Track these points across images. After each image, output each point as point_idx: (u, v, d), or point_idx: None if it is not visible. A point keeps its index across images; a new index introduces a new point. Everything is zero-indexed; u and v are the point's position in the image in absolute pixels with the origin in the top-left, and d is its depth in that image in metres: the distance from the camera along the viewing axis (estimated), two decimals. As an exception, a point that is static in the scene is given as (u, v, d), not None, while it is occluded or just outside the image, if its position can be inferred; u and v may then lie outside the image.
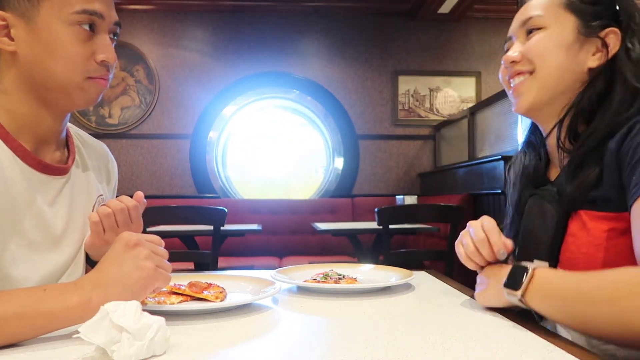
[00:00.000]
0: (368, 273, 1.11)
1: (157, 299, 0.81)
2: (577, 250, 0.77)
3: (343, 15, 4.63)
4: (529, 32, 0.86)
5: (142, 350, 0.55)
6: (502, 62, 0.91)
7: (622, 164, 0.71)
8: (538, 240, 0.84)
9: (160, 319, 0.58)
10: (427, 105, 4.70)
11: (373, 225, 2.71)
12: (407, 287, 1.01)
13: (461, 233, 0.86)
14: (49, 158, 0.87)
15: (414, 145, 4.68)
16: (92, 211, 0.94)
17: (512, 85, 0.90)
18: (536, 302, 0.69)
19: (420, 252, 3.17)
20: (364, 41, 4.66)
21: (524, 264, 0.73)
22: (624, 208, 0.71)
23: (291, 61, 4.61)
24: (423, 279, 1.10)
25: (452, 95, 4.70)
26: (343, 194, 4.56)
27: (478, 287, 0.84)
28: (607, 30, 0.82)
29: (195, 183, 4.50)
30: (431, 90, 4.70)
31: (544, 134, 0.91)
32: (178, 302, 0.80)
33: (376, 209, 2.47)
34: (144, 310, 0.58)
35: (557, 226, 0.81)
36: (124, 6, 4.46)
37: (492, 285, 0.79)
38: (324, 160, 4.79)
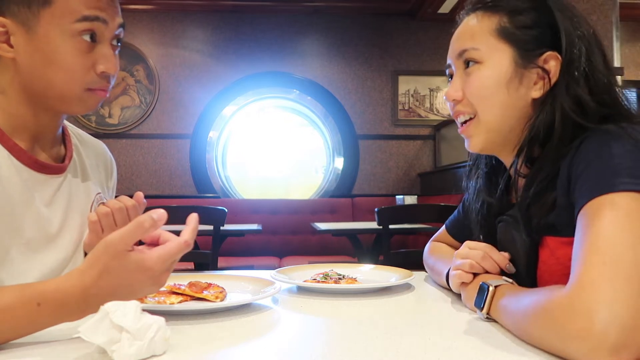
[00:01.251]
0: (368, 273, 1.11)
1: (157, 298, 0.81)
2: (550, 278, 0.75)
3: (343, 15, 4.63)
4: (467, 63, 0.82)
5: (142, 350, 0.55)
6: (444, 97, 0.87)
7: (569, 185, 0.69)
8: (515, 266, 0.82)
9: (160, 319, 0.58)
10: (427, 105, 4.70)
11: (373, 225, 2.71)
12: (407, 287, 1.01)
13: (453, 264, 0.85)
14: (45, 156, 0.86)
15: (414, 145, 4.68)
16: (91, 210, 0.93)
17: (458, 122, 0.87)
18: (498, 319, 0.70)
19: (420, 252, 3.16)
20: (364, 41, 4.66)
21: (489, 282, 0.73)
22: None
23: (291, 61, 4.61)
24: (423, 279, 1.10)
25: (452, 95, 4.70)
26: (343, 194, 4.56)
27: (466, 294, 0.82)
28: (546, 55, 0.77)
29: (195, 183, 4.50)
30: (431, 90, 4.70)
31: (504, 162, 0.88)
32: (178, 302, 0.80)
33: (376, 209, 2.47)
34: (144, 310, 0.58)
35: (528, 254, 0.79)
36: (124, 6, 4.43)
37: (469, 289, 0.80)
38: (324, 160, 4.79)
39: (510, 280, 0.74)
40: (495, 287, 0.72)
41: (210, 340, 0.64)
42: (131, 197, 0.90)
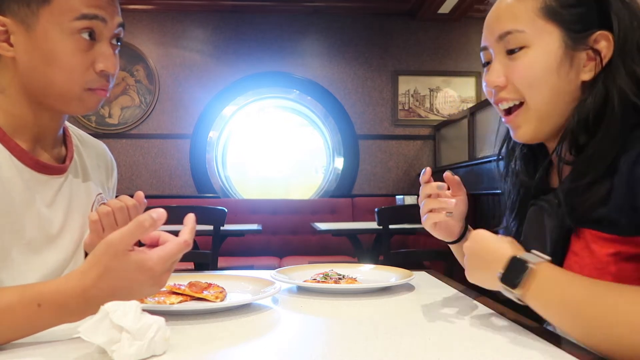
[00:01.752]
0: (368, 273, 1.11)
1: (157, 298, 0.81)
2: (580, 271, 0.70)
3: (343, 15, 4.63)
4: (512, 48, 0.76)
5: (142, 350, 0.55)
6: (484, 83, 0.80)
7: (636, 186, 0.64)
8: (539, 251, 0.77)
9: (160, 319, 0.58)
10: (427, 105, 4.70)
11: (373, 225, 2.71)
12: (407, 287, 1.01)
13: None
14: (46, 157, 0.86)
15: (414, 145, 4.68)
16: (91, 210, 0.93)
17: (500, 108, 0.81)
18: (538, 304, 0.64)
19: (420, 252, 3.17)
20: (364, 41, 4.66)
21: (524, 256, 0.66)
22: (634, 232, 0.64)
23: (291, 61, 4.61)
24: (423, 279, 1.10)
25: (452, 95, 4.70)
26: (343, 194, 4.56)
27: (469, 262, 0.77)
28: (596, 34, 0.73)
29: (195, 183, 4.50)
30: (431, 90, 4.70)
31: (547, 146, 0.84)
32: (178, 302, 0.80)
33: (376, 209, 2.47)
34: (144, 310, 0.58)
35: (556, 243, 0.74)
36: (124, 6, 4.43)
37: (486, 266, 0.72)
38: (324, 160, 4.79)
39: (548, 257, 0.67)
40: (536, 264, 0.65)
41: (210, 340, 0.64)
42: (132, 197, 0.90)
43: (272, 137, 4.82)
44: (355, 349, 0.60)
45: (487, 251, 0.73)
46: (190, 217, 0.69)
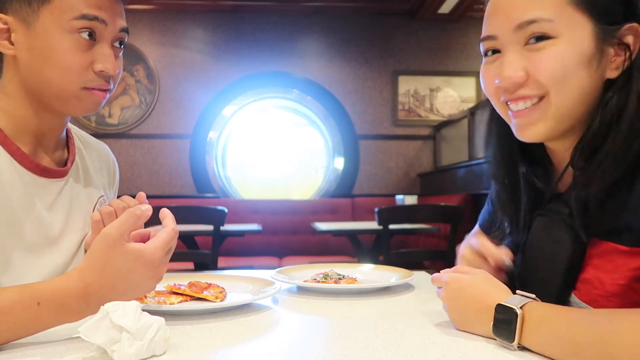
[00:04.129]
0: (368, 273, 1.11)
1: (157, 298, 0.81)
2: (600, 286, 0.65)
3: (343, 15, 4.63)
4: (533, 39, 0.67)
5: (142, 350, 0.55)
6: (497, 81, 0.70)
7: None
8: (552, 267, 0.71)
9: (160, 319, 0.58)
10: (427, 105, 4.70)
11: (373, 225, 2.72)
12: (407, 287, 1.01)
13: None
14: (47, 160, 0.86)
15: (414, 146, 4.68)
16: (92, 209, 0.93)
17: (511, 108, 0.71)
18: (541, 348, 0.58)
19: (420, 252, 3.17)
20: (364, 41, 4.66)
21: (508, 302, 0.62)
22: None
23: (291, 61, 4.61)
24: (423, 279, 1.10)
25: (452, 95, 4.70)
26: (343, 194, 4.56)
27: (455, 317, 0.71)
28: (625, 27, 0.66)
29: (195, 183, 4.50)
30: (431, 90, 4.70)
31: (547, 145, 0.77)
32: (178, 302, 0.80)
33: (376, 209, 2.47)
34: (144, 310, 0.58)
35: (572, 258, 0.69)
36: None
37: (474, 318, 0.67)
38: (324, 160, 4.79)
39: (533, 296, 0.62)
40: (521, 307, 0.60)
41: (210, 340, 0.64)
42: (134, 197, 0.90)
43: (272, 137, 4.83)
44: (355, 349, 0.60)
45: (471, 301, 0.68)
46: (165, 210, 0.74)
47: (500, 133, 0.80)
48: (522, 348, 0.60)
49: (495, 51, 0.72)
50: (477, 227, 0.99)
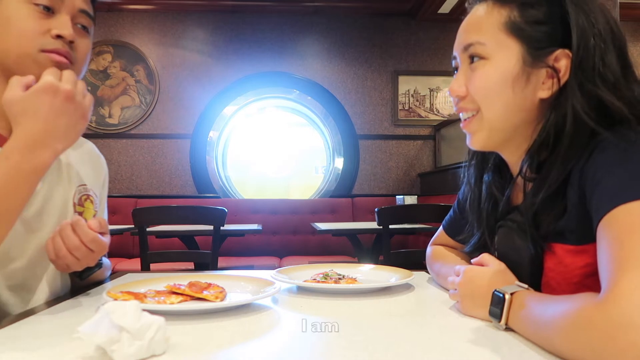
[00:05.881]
0: (368, 273, 1.11)
1: (157, 298, 0.81)
2: (558, 287, 0.72)
3: (343, 15, 4.63)
4: (472, 60, 0.78)
5: (141, 350, 0.55)
6: (448, 91, 0.83)
7: (584, 191, 0.66)
8: (518, 275, 0.77)
9: (160, 319, 0.58)
10: (427, 105, 4.70)
11: (373, 225, 2.72)
12: (407, 287, 1.01)
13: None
14: None
15: (414, 145, 4.68)
16: (73, 199, 0.95)
17: (461, 117, 0.83)
18: (520, 330, 0.65)
19: (420, 252, 3.16)
20: (364, 41, 4.66)
21: (502, 289, 0.69)
22: (589, 239, 0.65)
23: (291, 61, 4.61)
24: (423, 279, 1.10)
25: (452, 95, 4.70)
26: (343, 194, 4.56)
27: (463, 302, 0.77)
28: (557, 53, 0.73)
29: (195, 183, 4.50)
30: (431, 90, 4.70)
31: (503, 157, 0.85)
32: (178, 302, 0.80)
33: (376, 209, 2.47)
34: (143, 310, 0.58)
35: (533, 262, 0.76)
36: (124, 6, 4.46)
37: (480, 303, 0.73)
38: (324, 160, 4.79)
39: (525, 286, 0.69)
40: (512, 294, 0.67)
41: (210, 340, 0.64)
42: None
43: (272, 137, 4.83)
44: (355, 349, 0.60)
45: (479, 288, 0.75)
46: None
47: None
48: (510, 330, 0.67)
49: (457, 69, 0.83)
50: (441, 229, 1.11)
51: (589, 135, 0.69)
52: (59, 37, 0.83)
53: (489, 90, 0.76)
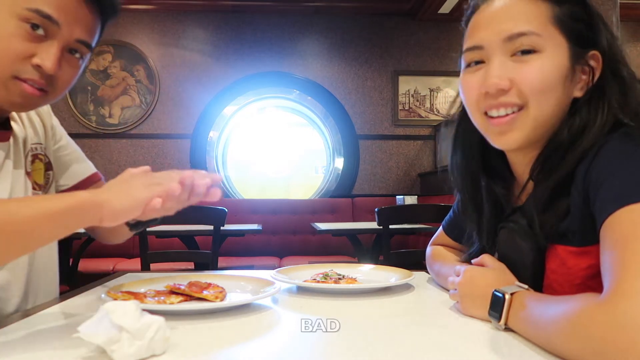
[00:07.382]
0: (368, 273, 1.11)
1: (157, 298, 0.81)
2: (560, 288, 0.72)
3: (343, 15, 4.63)
4: (519, 52, 0.72)
5: (141, 349, 0.55)
6: (474, 85, 0.76)
7: (588, 192, 0.65)
8: (519, 276, 0.77)
9: (160, 319, 0.58)
10: (428, 105, 4.70)
11: (373, 225, 2.71)
12: (407, 287, 1.01)
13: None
14: None
15: (414, 145, 4.68)
16: (24, 160, 0.92)
17: (490, 114, 0.76)
18: (519, 329, 0.65)
19: (420, 252, 3.16)
20: (364, 41, 4.66)
21: (503, 289, 0.68)
22: (592, 240, 0.64)
23: (291, 61, 4.61)
24: (423, 279, 1.10)
25: (453, 95, 4.67)
26: (343, 194, 4.56)
27: (463, 302, 0.77)
28: (591, 52, 0.73)
29: (195, 183, 4.49)
30: (431, 90, 4.70)
31: (510, 158, 0.83)
32: (178, 302, 0.80)
33: (376, 209, 2.46)
34: (143, 310, 0.58)
35: (535, 264, 0.75)
36: (124, 6, 4.44)
37: (480, 303, 0.73)
38: (324, 160, 4.79)
39: (525, 286, 0.68)
40: (511, 294, 0.67)
41: (210, 340, 0.64)
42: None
43: (272, 137, 4.83)
44: (355, 348, 0.60)
45: (479, 288, 0.75)
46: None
47: (466, 146, 0.87)
48: (509, 331, 0.66)
49: (479, 62, 0.77)
50: (441, 229, 1.10)
51: (607, 134, 0.68)
52: (39, 66, 0.76)
53: (545, 84, 0.71)
